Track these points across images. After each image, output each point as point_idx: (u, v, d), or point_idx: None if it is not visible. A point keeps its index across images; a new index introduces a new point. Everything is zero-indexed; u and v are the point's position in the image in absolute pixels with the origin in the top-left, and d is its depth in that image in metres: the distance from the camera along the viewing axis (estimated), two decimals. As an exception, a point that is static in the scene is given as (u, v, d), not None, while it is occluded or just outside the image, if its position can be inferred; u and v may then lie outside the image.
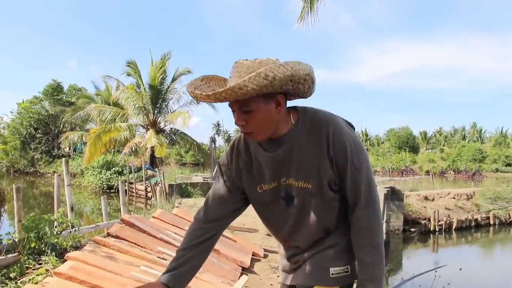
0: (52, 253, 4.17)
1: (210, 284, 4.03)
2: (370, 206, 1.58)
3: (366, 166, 1.58)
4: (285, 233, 1.78)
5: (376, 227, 1.58)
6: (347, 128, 1.59)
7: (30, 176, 36.09)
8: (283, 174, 1.63)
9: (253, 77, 1.39)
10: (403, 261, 12.82)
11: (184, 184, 15.53)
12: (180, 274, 1.69)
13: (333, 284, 1.66)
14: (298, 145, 1.58)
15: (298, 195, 1.64)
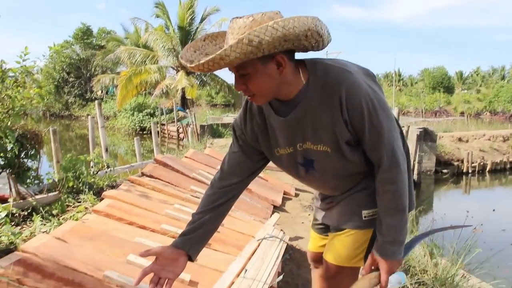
0: (89, 192, 4.30)
1: (243, 221, 4.10)
2: (393, 168, 1.49)
3: (387, 126, 1.45)
4: (313, 188, 1.82)
5: (400, 190, 1.50)
6: (364, 84, 1.43)
7: (65, 119, 37.04)
8: (298, 139, 1.55)
9: (235, 45, 1.27)
10: (434, 202, 12.75)
11: (215, 125, 15.64)
12: (194, 237, 1.63)
13: (365, 226, 1.67)
14: (311, 108, 1.47)
15: (318, 159, 1.58)
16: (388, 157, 1.47)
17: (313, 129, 1.50)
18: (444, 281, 3.25)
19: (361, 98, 1.40)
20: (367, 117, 1.42)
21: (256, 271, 2.78)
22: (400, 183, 1.50)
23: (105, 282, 2.32)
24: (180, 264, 1.57)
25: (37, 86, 5.25)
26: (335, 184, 1.68)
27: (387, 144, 1.46)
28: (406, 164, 1.57)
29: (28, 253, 2.37)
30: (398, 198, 1.50)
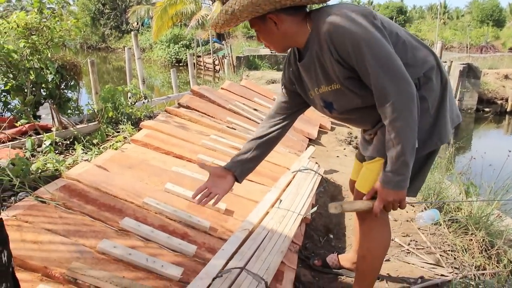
0: (128, 122, 4.38)
1: (278, 153, 4.12)
2: (385, 103, 1.54)
3: (374, 61, 1.49)
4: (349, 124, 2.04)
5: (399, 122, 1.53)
6: (344, 21, 1.50)
7: (102, 51, 37.32)
8: (315, 83, 1.74)
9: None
10: (473, 141, 12.40)
11: (252, 57, 15.39)
12: (242, 162, 1.95)
13: None
14: (316, 53, 1.62)
15: (334, 99, 1.73)
16: (379, 90, 1.53)
17: (322, 71, 1.66)
18: (478, 219, 3.22)
19: (344, 36, 1.50)
20: (354, 56, 1.51)
21: (290, 202, 2.82)
22: (397, 115, 1.53)
23: (144, 209, 2.41)
24: (228, 182, 1.90)
25: (73, 17, 5.25)
26: (359, 118, 1.78)
27: (377, 79, 1.51)
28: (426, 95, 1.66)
29: (72, 180, 2.47)
30: (399, 132, 1.54)
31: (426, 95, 1.68)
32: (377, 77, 1.51)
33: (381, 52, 1.50)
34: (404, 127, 1.54)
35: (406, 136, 1.54)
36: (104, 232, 2.09)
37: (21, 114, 4.51)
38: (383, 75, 1.50)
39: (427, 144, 1.72)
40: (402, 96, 1.51)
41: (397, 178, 1.61)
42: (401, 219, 3.37)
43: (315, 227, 3.05)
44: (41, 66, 4.76)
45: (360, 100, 1.66)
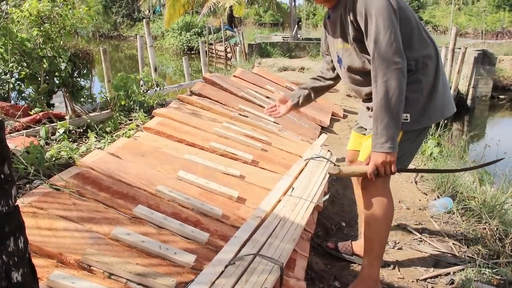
0: (140, 110, 4.40)
1: (290, 141, 4.11)
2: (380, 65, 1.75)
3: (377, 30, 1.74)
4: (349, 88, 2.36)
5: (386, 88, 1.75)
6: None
7: (114, 40, 37.38)
8: (336, 39, 2.04)
9: None
10: (488, 129, 12.23)
11: (264, 44, 15.30)
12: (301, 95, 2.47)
13: None
14: (341, 13, 1.90)
15: (343, 56, 2.02)
16: (374, 55, 1.77)
17: (341, 30, 1.95)
18: (492, 208, 3.20)
19: (362, 5, 1.78)
20: (363, 21, 1.79)
21: (303, 190, 2.82)
22: (384, 82, 1.75)
23: (157, 196, 2.43)
24: (289, 105, 2.50)
25: (85, 5, 5.26)
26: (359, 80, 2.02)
27: (376, 45, 1.76)
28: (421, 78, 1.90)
29: (85, 167, 2.49)
30: (380, 95, 1.76)
31: (421, 78, 1.90)
32: (377, 44, 1.75)
33: (386, 26, 1.74)
34: (391, 93, 1.75)
35: (393, 102, 1.75)
36: (117, 220, 2.11)
37: (35, 102, 4.55)
38: (380, 44, 1.75)
39: (418, 121, 1.92)
40: (394, 68, 1.74)
41: (381, 139, 1.79)
42: (413, 208, 3.36)
43: (327, 215, 3.05)
44: (54, 55, 4.79)
45: (361, 63, 1.94)
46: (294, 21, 19.24)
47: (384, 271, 2.46)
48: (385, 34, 1.74)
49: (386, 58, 1.74)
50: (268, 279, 1.85)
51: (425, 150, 4.73)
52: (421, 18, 42.42)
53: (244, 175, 3.03)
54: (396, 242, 2.81)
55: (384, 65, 1.75)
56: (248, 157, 3.31)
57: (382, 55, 1.75)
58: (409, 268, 2.53)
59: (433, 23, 39.08)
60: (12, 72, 4.74)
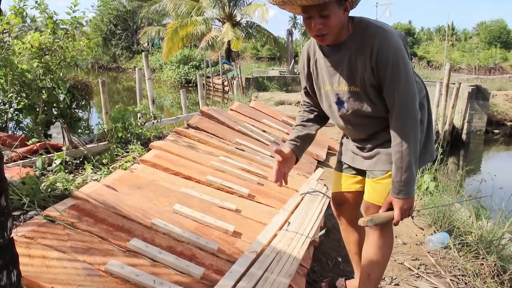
0: (137, 142, 4.41)
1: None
2: (403, 115, 1.77)
3: (404, 79, 1.74)
4: (344, 130, 2.12)
5: (408, 137, 1.77)
6: (395, 43, 1.74)
7: (113, 71, 37.81)
8: (336, 79, 1.91)
9: None
10: (483, 163, 12.29)
11: (261, 78, 15.51)
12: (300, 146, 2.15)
13: None
14: (351, 53, 1.81)
15: (348, 99, 1.91)
16: (400, 105, 1.77)
17: (348, 71, 1.84)
18: (489, 243, 3.18)
19: (389, 52, 1.72)
20: (390, 69, 1.73)
21: (299, 224, 2.81)
22: (410, 130, 1.78)
23: (152, 229, 2.41)
24: (293, 162, 2.16)
25: (86, 38, 5.34)
26: (362, 124, 1.97)
27: (401, 94, 1.76)
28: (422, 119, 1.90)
29: (81, 199, 2.48)
30: (406, 144, 1.77)
31: (422, 119, 1.91)
32: (404, 93, 1.75)
33: (410, 75, 1.76)
34: (414, 142, 1.78)
35: (414, 150, 1.79)
36: (112, 252, 2.09)
37: (32, 132, 4.56)
38: (407, 93, 1.75)
39: (421, 159, 1.93)
40: (416, 116, 1.78)
41: (407, 187, 1.81)
42: (410, 243, 3.34)
43: (323, 250, 3.03)
44: (53, 86, 4.83)
45: (371, 109, 1.88)
46: (291, 56, 19.55)
47: (381, 308, 2.42)
48: (409, 84, 1.76)
49: (411, 109, 1.77)
50: (264, 316, 1.83)
51: (421, 185, 4.74)
52: (416, 54, 43.19)
53: (240, 209, 3.02)
54: (393, 278, 2.78)
55: (409, 115, 1.77)
56: (244, 191, 3.31)
57: (407, 105, 1.76)
58: (406, 305, 2.49)
59: (427, 59, 39.78)
60: (11, 102, 4.77)
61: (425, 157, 1.99)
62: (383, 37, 1.74)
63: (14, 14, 4.39)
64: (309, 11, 1.72)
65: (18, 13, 4.41)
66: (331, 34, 1.77)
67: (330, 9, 1.70)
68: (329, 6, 1.69)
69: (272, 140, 5.28)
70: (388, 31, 1.77)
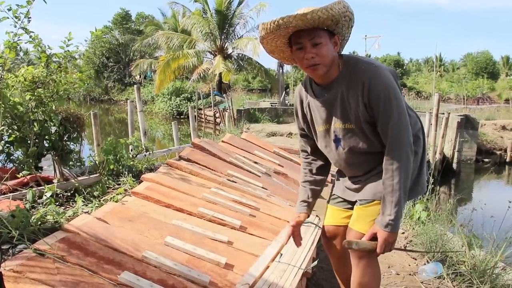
0: (129, 174, 4.40)
1: (278, 206, 4.11)
2: (397, 148, 1.78)
3: (397, 113, 1.76)
4: (342, 168, 2.11)
5: (400, 170, 1.78)
6: (386, 78, 1.78)
7: (105, 103, 37.93)
8: (330, 119, 1.93)
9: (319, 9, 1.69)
10: (474, 192, 12.36)
11: (252, 110, 15.62)
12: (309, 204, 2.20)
13: None
14: (342, 91, 1.83)
15: (344, 137, 1.93)
16: (393, 138, 1.78)
17: (342, 109, 1.85)
18: (483, 272, 3.18)
19: (380, 87, 1.75)
20: (382, 103, 1.76)
21: (291, 256, 2.79)
22: (402, 163, 1.78)
23: (143, 262, 2.39)
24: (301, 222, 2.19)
25: (78, 71, 5.38)
26: (359, 161, 1.97)
27: (394, 127, 1.77)
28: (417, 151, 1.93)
29: (71, 232, 2.46)
30: (397, 177, 1.77)
31: (417, 151, 1.94)
32: (396, 126, 1.77)
33: (402, 108, 1.79)
34: (404, 176, 1.79)
35: (405, 184, 1.79)
36: (102, 286, 2.06)
37: (23, 165, 4.53)
38: (399, 126, 1.77)
39: (413, 192, 1.97)
40: (407, 150, 1.79)
41: (395, 222, 1.81)
42: (403, 273, 3.33)
43: (316, 282, 3.01)
44: (45, 118, 4.83)
45: (367, 145, 1.90)
46: (282, 87, 19.79)
47: None
48: (401, 117, 1.77)
49: (404, 142, 1.78)
50: None
51: (413, 215, 4.75)
52: (405, 85, 43.87)
53: (232, 240, 3.00)
54: (387, 310, 2.75)
55: (401, 148, 1.78)
56: (236, 223, 3.30)
57: (400, 138, 1.78)
58: (400, 338, 2.47)
59: (416, 89, 40.41)
60: (2, 134, 4.76)
61: (416, 190, 1.99)
62: (374, 73, 1.77)
63: (9, 48, 4.42)
64: (301, 40, 1.77)
65: (12, 47, 4.45)
66: (323, 65, 1.79)
67: (322, 38, 1.75)
68: (321, 34, 1.75)
69: (263, 171, 5.29)
70: (378, 66, 1.80)
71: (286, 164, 6.14)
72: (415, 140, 1.92)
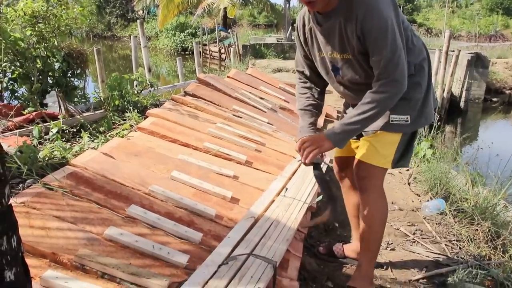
0: (134, 110, 4.39)
1: (284, 142, 4.12)
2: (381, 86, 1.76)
3: (389, 49, 1.70)
4: (344, 96, 2.14)
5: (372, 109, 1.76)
6: (380, 11, 1.68)
7: (108, 40, 37.26)
8: (328, 48, 1.89)
9: None
10: (481, 131, 12.28)
11: (258, 45, 15.33)
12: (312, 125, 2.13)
13: (392, 129, 1.94)
14: (339, 22, 1.77)
15: (342, 66, 1.90)
16: (381, 74, 1.75)
17: (340, 39, 1.82)
18: (484, 210, 3.22)
19: (374, 22, 1.68)
20: (374, 39, 1.71)
21: (296, 190, 2.83)
22: (379, 104, 1.76)
23: (150, 196, 2.43)
24: None
25: (79, 6, 5.25)
26: (360, 89, 1.89)
27: (384, 64, 1.72)
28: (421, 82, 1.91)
29: (79, 167, 2.48)
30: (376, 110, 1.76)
31: (420, 81, 1.92)
32: (387, 63, 1.71)
33: (396, 44, 1.71)
34: (381, 109, 1.78)
35: (375, 115, 1.78)
36: (111, 219, 2.11)
37: (28, 102, 4.53)
38: (390, 63, 1.72)
39: (417, 122, 1.95)
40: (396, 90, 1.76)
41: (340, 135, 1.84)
42: (406, 209, 3.38)
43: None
44: (47, 54, 4.77)
45: (365, 76, 1.86)
46: (288, 23, 19.30)
47: (377, 272, 2.47)
48: (394, 54, 1.71)
49: (392, 79, 1.74)
50: (261, 279, 1.86)
51: (418, 152, 4.76)
52: (415, 21, 42.53)
53: (238, 175, 3.03)
54: (389, 243, 2.82)
55: (388, 85, 1.75)
56: (242, 158, 3.32)
57: (388, 76, 1.74)
58: (401, 269, 2.54)
59: (426, 26, 39.23)
60: (5, 71, 4.72)
61: (419, 120, 1.97)
62: (370, 7, 1.69)
63: (6, -19, 4.29)
64: None
65: (9, -20, 4.31)
66: (320, 0, 1.74)
67: None
68: None
69: (269, 107, 5.26)
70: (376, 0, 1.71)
71: (292, 99, 6.09)
72: (419, 69, 1.90)
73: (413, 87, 1.88)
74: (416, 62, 1.90)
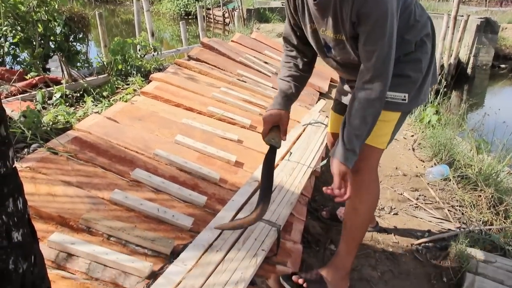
0: (137, 74, 4.35)
1: (289, 107, 4.09)
2: (374, 77, 1.60)
3: (387, 40, 1.55)
4: (337, 72, 2.01)
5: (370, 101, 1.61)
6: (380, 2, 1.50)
7: (110, 4, 36.59)
8: (322, 25, 1.71)
9: None
10: (487, 98, 12.14)
11: (262, 9, 15.08)
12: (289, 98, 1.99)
13: (390, 108, 1.78)
14: (334, 2, 1.59)
15: (335, 46, 1.75)
16: (373, 67, 1.59)
17: (334, 19, 1.64)
18: (488, 176, 3.22)
19: (367, 10, 1.51)
20: (368, 29, 1.55)
21: (301, 155, 2.83)
22: (374, 93, 1.61)
23: (154, 160, 2.43)
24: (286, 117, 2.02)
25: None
26: (352, 66, 1.77)
27: (379, 56, 1.57)
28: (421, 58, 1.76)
29: (83, 132, 2.48)
30: (365, 108, 1.62)
31: (421, 57, 1.78)
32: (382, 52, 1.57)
33: (391, 35, 1.56)
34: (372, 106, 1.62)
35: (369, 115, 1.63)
36: (116, 183, 2.12)
37: (30, 67, 4.50)
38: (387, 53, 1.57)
39: (414, 101, 1.83)
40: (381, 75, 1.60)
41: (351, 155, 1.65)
42: (410, 174, 3.38)
43: (324, 180, 3.07)
44: (48, 18, 4.71)
45: (357, 58, 1.70)
46: (294, -14, 18.86)
47: (379, 236, 2.49)
48: (389, 49, 1.57)
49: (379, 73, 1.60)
50: (265, 242, 1.88)
51: (424, 118, 4.73)
52: (424, -16, 41.47)
53: (242, 139, 3.03)
54: (392, 208, 2.84)
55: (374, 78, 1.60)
56: (246, 122, 3.31)
57: (377, 69, 1.59)
58: (404, 233, 2.56)
59: (435, -10, 38.25)
60: (6, 36, 4.67)
61: (417, 100, 1.85)
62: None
63: None
64: None
65: None
66: None
67: None
68: None
69: (274, 71, 5.21)
70: None
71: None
72: (420, 45, 1.77)
73: (413, 64, 1.77)
74: (417, 39, 1.76)
